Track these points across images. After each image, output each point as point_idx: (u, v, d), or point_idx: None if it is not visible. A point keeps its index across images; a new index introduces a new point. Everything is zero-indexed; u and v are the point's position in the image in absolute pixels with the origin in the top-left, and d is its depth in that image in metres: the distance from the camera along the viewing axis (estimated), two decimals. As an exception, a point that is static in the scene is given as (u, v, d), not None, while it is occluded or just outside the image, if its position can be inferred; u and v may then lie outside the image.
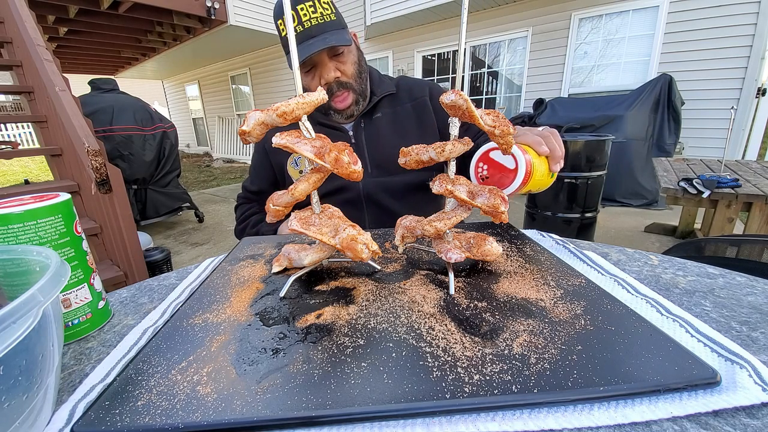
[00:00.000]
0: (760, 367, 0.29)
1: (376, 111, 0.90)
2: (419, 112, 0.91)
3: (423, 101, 0.91)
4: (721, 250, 1.06)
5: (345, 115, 0.86)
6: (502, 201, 0.44)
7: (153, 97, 10.30)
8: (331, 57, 0.80)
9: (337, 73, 0.81)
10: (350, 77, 0.82)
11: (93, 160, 1.41)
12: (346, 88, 0.83)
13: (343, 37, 0.77)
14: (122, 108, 3.14)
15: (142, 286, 0.55)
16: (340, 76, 0.81)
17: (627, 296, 0.43)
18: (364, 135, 0.88)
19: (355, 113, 0.87)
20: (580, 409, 0.26)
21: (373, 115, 0.90)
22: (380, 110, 0.90)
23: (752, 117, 3.76)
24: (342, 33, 0.78)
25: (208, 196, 5.22)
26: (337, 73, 0.80)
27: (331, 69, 0.80)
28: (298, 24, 0.75)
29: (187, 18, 5.16)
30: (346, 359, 0.32)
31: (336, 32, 0.77)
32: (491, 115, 0.43)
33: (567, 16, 4.54)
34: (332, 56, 0.80)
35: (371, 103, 0.89)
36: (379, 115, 0.90)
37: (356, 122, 0.89)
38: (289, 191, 0.44)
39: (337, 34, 0.76)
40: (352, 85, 0.83)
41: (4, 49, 2.28)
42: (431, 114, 0.91)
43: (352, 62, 0.82)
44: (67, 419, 0.28)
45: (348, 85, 0.83)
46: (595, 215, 2.46)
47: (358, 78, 0.84)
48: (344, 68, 0.81)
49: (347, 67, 0.82)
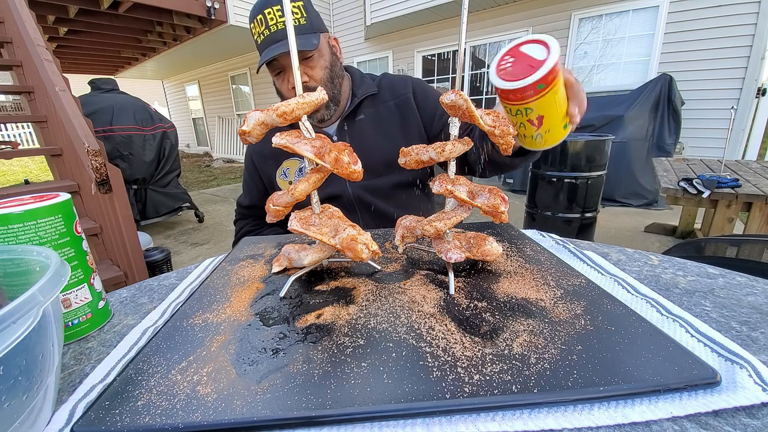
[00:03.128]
0: (760, 367, 0.29)
1: (359, 112, 0.89)
2: (403, 110, 0.90)
3: (405, 98, 0.90)
4: (721, 250, 1.06)
5: (315, 119, 0.86)
6: (502, 201, 0.44)
7: (153, 97, 10.29)
8: (299, 62, 0.80)
9: (304, 77, 0.80)
10: (318, 81, 0.81)
11: (93, 160, 1.41)
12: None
13: (308, 42, 0.76)
14: (122, 108, 3.14)
15: (142, 286, 0.55)
16: (307, 81, 0.80)
17: (627, 296, 0.43)
18: (348, 138, 0.88)
19: (326, 117, 0.86)
20: (580, 409, 0.26)
21: (355, 117, 0.89)
22: (362, 111, 0.89)
23: (752, 117, 3.76)
24: (309, 38, 0.77)
25: (208, 196, 5.22)
26: (305, 77, 0.80)
27: (300, 74, 0.80)
28: (265, 28, 0.75)
29: (187, 18, 5.15)
30: (346, 359, 0.32)
31: (301, 37, 0.76)
32: (491, 115, 0.43)
33: (567, 16, 4.53)
34: (300, 60, 0.80)
35: (352, 105, 0.89)
36: (362, 116, 0.89)
37: (339, 125, 0.89)
38: (289, 191, 0.44)
39: (302, 39, 0.75)
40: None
41: (4, 49, 2.28)
42: (415, 110, 0.90)
43: (322, 67, 0.82)
44: (67, 419, 0.28)
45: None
46: (595, 215, 2.46)
47: (329, 83, 0.83)
48: (312, 73, 0.81)
49: (315, 72, 0.81)
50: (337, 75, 0.85)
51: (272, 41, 0.76)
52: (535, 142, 0.50)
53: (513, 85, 0.43)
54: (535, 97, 0.44)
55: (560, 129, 0.49)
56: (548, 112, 0.46)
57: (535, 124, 0.47)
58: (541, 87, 0.43)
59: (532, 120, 0.47)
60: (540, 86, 0.43)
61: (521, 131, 0.49)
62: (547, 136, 0.49)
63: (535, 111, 0.46)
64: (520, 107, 0.45)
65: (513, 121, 0.48)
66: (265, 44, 0.77)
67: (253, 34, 0.79)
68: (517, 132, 0.48)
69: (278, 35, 0.75)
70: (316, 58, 0.80)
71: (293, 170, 0.90)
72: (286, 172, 0.90)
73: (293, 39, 0.41)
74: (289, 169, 0.90)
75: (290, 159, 0.90)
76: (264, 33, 0.76)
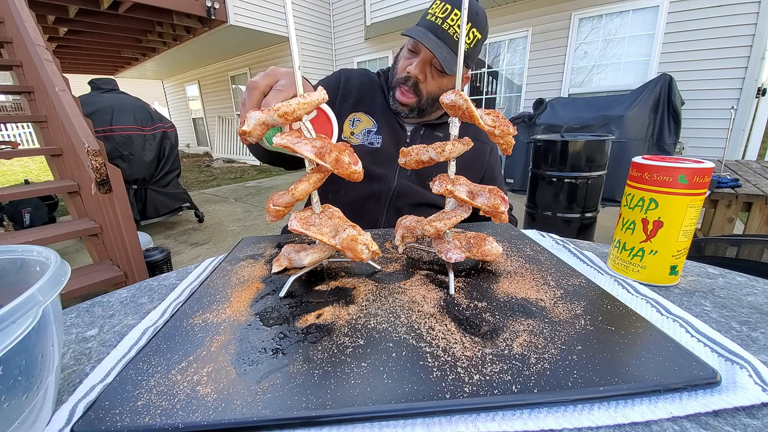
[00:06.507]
0: (760, 367, 0.29)
1: (440, 129, 0.91)
2: (476, 155, 0.91)
3: (483, 148, 0.92)
4: (721, 250, 1.06)
5: (396, 107, 0.87)
6: (502, 201, 0.44)
7: (153, 97, 10.30)
8: (431, 64, 0.81)
9: (422, 77, 0.81)
10: (425, 91, 0.83)
11: (93, 160, 1.41)
12: (415, 92, 0.83)
13: (450, 63, 0.77)
14: (122, 108, 3.13)
15: (142, 286, 0.55)
16: (421, 82, 0.82)
17: (627, 296, 0.43)
18: (420, 142, 0.89)
19: (404, 115, 0.88)
20: (580, 409, 0.26)
21: (435, 131, 0.91)
22: (444, 131, 0.91)
23: (752, 117, 3.76)
24: (454, 62, 0.77)
25: (208, 196, 5.22)
26: (422, 77, 0.81)
27: (421, 70, 0.81)
28: (441, 19, 0.76)
29: (187, 18, 5.15)
30: (346, 359, 0.32)
31: (453, 56, 0.77)
32: (491, 115, 0.43)
33: (567, 16, 4.54)
34: (433, 65, 0.81)
35: (440, 120, 0.91)
36: (441, 135, 0.91)
37: (417, 127, 0.90)
38: (289, 191, 0.44)
39: (450, 58, 0.76)
40: (422, 95, 0.84)
41: (4, 49, 2.28)
42: (483, 163, 0.93)
43: (440, 87, 0.83)
44: (67, 419, 0.28)
45: (418, 92, 0.84)
46: (595, 215, 2.46)
47: (432, 100, 0.85)
48: (431, 82, 0.82)
49: (433, 84, 0.83)
50: (439, 104, 0.87)
51: (434, 33, 0.77)
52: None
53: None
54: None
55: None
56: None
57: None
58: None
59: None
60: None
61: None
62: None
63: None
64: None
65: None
66: (428, 27, 0.77)
67: (429, 10, 0.79)
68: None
69: (442, 34, 0.76)
70: (446, 78, 0.82)
71: (362, 126, 0.89)
72: (355, 121, 0.89)
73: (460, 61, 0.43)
74: (360, 122, 0.89)
75: (366, 116, 0.89)
76: (436, 21, 0.76)
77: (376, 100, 0.91)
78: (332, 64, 7.37)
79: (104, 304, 0.49)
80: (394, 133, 0.89)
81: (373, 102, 0.91)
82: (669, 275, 0.46)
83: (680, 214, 0.43)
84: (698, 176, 0.42)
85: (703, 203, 0.44)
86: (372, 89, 0.92)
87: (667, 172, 0.43)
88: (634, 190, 0.47)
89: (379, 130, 0.88)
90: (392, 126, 0.89)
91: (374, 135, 0.88)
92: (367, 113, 0.89)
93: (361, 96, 0.91)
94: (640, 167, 0.45)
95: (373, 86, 0.93)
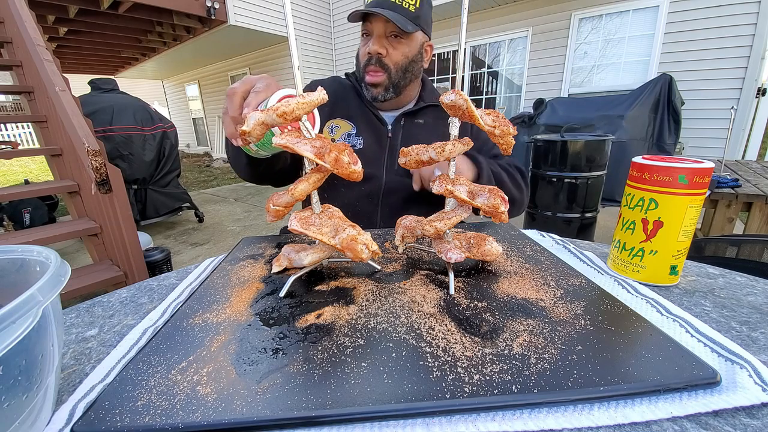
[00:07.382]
0: (760, 367, 0.29)
1: (419, 116, 0.91)
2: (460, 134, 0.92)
3: (464, 126, 0.91)
4: (721, 250, 1.06)
5: (371, 93, 0.87)
6: (502, 201, 0.44)
7: (153, 97, 10.29)
8: (387, 35, 0.80)
9: (383, 51, 0.81)
10: (392, 63, 0.82)
11: (93, 160, 1.41)
12: (382, 68, 0.83)
13: (405, 24, 0.76)
14: (122, 108, 3.13)
15: (142, 286, 0.55)
16: (384, 56, 0.81)
17: (627, 296, 0.43)
18: (402, 133, 0.89)
19: (380, 98, 0.87)
20: (580, 409, 0.26)
21: (415, 119, 0.91)
22: (423, 116, 0.91)
23: (752, 117, 3.76)
24: (409, 23, 0.78)
25: (208, 196, 5.22)
26: (383, 51, 0.81)
27: (380, 44, 0.80)
28: None
29: (187, 18, 5.15)
30: (346, 359, 0.32)
31: (404, 18, 0.77)
32: (491, 115, 0.43)
33: (567, 16, 4.53)
34: (389, 35, 0.80)
35: (417, 107, 0.90)
36: (422, 121, 0.91)
37: (397, 118, 0.90)
38: (289, 191, 0.44)
39: (403, 19, 0.76)
40: (390, 70, 0.83)
41: (4, 49, 2.28)
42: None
43: (404, 54, 0.82)
44: (67, 419, 0.28)
45: (386, 68, 0.83)
46: (595, 215, 2.46)
47: (401, 71, 0.84)
48: (392, 51, 0.81)
49: (395, 53, 0.82)
50: (412, 72, 0.87)
51: (377, 4, 0.77)
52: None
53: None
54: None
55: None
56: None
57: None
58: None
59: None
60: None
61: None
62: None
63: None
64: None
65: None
66: (374, 4, 0.78)
67: None
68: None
69: (384, 4, 0.76)
70: (404, 43, 0.81)
71: (341, 132, 0.89)
72: (333, 128, 0.89)
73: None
74: (339, 128, 0.89)
75: (343, 120, 0.89)
76: None
77: (350, 103, 0.91)
78: (332, 64, 7.37)
79: (104, 304, 0.49)
80: (375, 131, 0.89)
81: (348, 105, 0.91)
82: (669, 275, 0.46)
83: (680, 214, 0.43)
84: (698, 176, 0.42)
85: (703, 203, 0.44)
86: (345, 93, 0.93)
87: (667, 172, 0.43)
88: (634, 190, 0.46)
89: (358, 132, 0.88)
90: (372, 124, 0.89)
91: (354, 137, 0.88)
92: (344, 118, 0.90)
93: (335, 102, 0.91)
94: (640, 167, 0.45)
95: (345, 90, 0.93)
